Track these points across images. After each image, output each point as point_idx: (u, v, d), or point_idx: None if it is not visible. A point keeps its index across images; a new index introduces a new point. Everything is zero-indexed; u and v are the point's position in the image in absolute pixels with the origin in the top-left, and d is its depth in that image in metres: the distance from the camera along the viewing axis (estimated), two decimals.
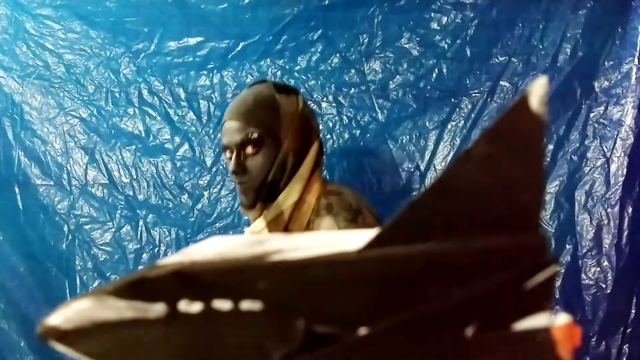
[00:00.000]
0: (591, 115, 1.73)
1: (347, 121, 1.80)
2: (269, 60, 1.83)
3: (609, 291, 1.69)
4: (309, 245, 0.27)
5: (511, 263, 0.25)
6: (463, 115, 1.78)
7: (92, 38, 1.83)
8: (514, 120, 0.25)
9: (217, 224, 1.80)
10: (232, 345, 0.26)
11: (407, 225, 0.26)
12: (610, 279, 1.69)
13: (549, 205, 1.74)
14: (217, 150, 1.82)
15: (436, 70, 1.78)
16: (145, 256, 1.81)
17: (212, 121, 1.83)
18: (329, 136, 1.81)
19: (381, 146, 1.79)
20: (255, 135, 1.27)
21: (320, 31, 1.82)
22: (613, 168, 1.70)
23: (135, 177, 1.82)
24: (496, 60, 1.77)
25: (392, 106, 1.79)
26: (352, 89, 1.80)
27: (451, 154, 1.78)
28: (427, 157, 1.78)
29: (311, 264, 0.26)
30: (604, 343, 1.69)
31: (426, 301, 0.25)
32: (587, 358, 1.68)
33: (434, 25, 1.79)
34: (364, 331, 0.25)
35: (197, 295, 0.26)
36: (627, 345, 1.67)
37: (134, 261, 1.79)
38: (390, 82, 1.79)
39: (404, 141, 1.79)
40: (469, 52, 1.77)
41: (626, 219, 1.69)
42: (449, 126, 1.78)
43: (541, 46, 1.75)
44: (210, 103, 1.83)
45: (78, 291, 1.82)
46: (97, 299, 0.27)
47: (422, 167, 1.78)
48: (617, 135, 1.70)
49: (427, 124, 1.79)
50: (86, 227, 1.82)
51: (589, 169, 1.72)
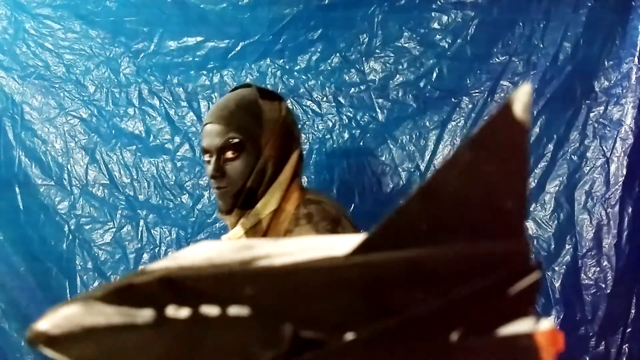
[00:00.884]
0: (591, 115, 1.73)
1: (347, 121, 1.80)
2: (268, 60, 1.83)
3: (608, 291, 1.69)
4: (296, 251, 0.28)
5: (495, 269, 0.25)
6: (463, 115, 1.77)
7: (92, 38, 1.83)
8: (497, 127, 0.25)
9: (217, 224, 1.80)
10: (219, 350, 0.26)
11: (393, 231, 0.26)
12: (610, 278, 1.69)
13: (548, 205, 1.74)
14: None
15: (436, 69, 1.78)
16: (145, 256, 1.81)
17: None
18: (328, 136, 1.81)
19: (381, 146, 1.79)
20: (235, 140, 1.25)
21: (320, 31, 1.82)
22: (613, 168, 1.70)
23: (135, 177, 1.83)
24: (496, 59, 1.77)
25: (392, 106, 1.79)
26: (352, 88, 1.80)
27: (451, 153, 1.77)
28: (427, 157, 1.78)
29: (298, 270, 0.26)
30: (603, 342, 1.69)
31: (411, 307, 0.25)
32: (587, 357, 1.69)
33: (434, 24, 1.79)
34: (350, 336, 0.25)
35: (184, 300, 0.26)
36: (626, 344, 1.67)
37: (135, 261, 1.79)
38: (390, 82, 1.79)
39: (404, 141, 1.79)
40: (469, 52, 1.77)
41: (626, 219, 1.69)
42: (449, 126, 1.78)
43: (542, 46, 1.74)
44: (210, 103, 1.83)
45: (78, 291, 1.82)
46: (85, 304, 0.27)
47: (422, 167, 1.78)
48: (617, 135, 1.70)
49: (427, 123, 1.79)
50: (87, 227, 1.82)
51: (588, 168, 1.72)
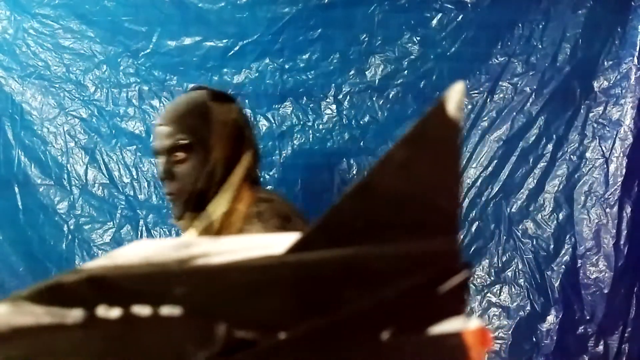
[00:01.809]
0: (590, 115, 1.73)
1: (347, 121, 1.80)
2: (267, 59, 1.83)
3: (607, 290, 1.70)
4: (235, 249, 0.27)
5: (426, 267, 0.25)
6: (463, 115, 1.77)
7: (91, 37, 1.82)
8: (431, 125, 0.26)
9: None
10: (152, 350, 0.26)
11: (329, 229, 0.26)
12: (609, 278, 1.70)
13: (548, 205, 1.75)
14: None
15: (436, 70, 1.78)
16: None
17: None
18: (329, 136, 1.81)
19: (381, 146, 1.79)
20: (184, 142, 1.25)
21: (319, 30, 1.82)
22: (612, 168, 1.71)
23: (135, 177, 1.82)
24: (496, 60, 1.77)
25: (392, 106, 1.79)
26: (352, 89, 1.81)
27: None
28: None
29: (230, 269, 0.26)
30: (602, 342, 1.70)
31: (343, 305, 0.25)
32: (586, 357, 1.70)
33: (434, 24, 1.79)
34: (283, 336, 0.25)
35: (115, 300, 0.26)
36: (625, 344, 1.68)
37: None
38: (390, 82, 1.79)
39: None
40: (468, 52, 1.77)
41: (625, 219, 1.70)
42: None
43: (541, 46, 1.75)
44: None
45: None
46: (14, 304, 0.27)
47: None
48: (616, 136, 1.71)
49: None
50: (86, 227, 1.82)
51: (588, 169, 1.73)
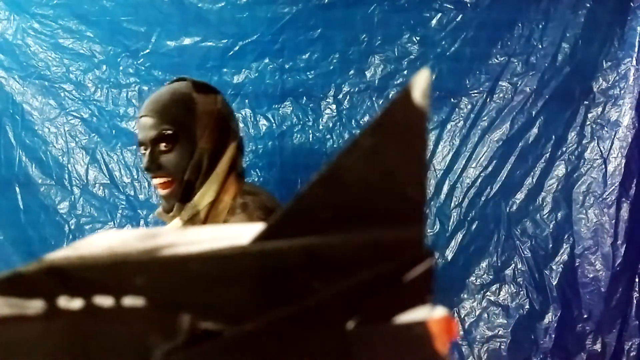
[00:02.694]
0: (589, 115, 1.74)
1: (347, 121, 1.81)
2: (267, 59, 1.83)
3: (605, 289, 1.72)
4: (201, 240, 0.27)
5: (390, 256, 0.25)
6: (462, 115, 1.78)
7: (90, 38, 1.82)
8: (396, 113, 0.25)
9: None
10: (114, 342, 0.26)
11: (294, 218, 0.26)
12: (607, 277, 1.72)
13: (546, 204, 1.76)
14: None
15: (436, 70, 1.79)
16: None
17: None
18: (329, 136, 1.81)
19: None
20: (169, 132, 1.25)
21: (319, 30, 1.82)
22: (610, 168, 1.72)
23: (136, 177, 1.83)
24: (496, 60, 1.78)
25: None
26: (352, 88, 1.81)
27: (450, 153, 1.79)
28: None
29: (192, 259, 0.26)
30: (600, 340, 1.72)
31: (307, 295, 0.25)
32: (584, 355, 1.71)
33: (433, 24, 1.79)
34: (247, 326, 0.25)
35: (77, 291, 0.26)
36: (623, 342, 1.70)
37: None
38: (390, 82, 1.80)
39: None
40: (468, 52, 1.78)
41: (623, 219, 1.71)
42: (448, 126, 1.79)
43: (540, 46, 1.75)
44: None
45: None
46: None
47: None
48: (614, 136, 1.72)
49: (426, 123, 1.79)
50: (87, 227, 1.83)
51: (586, 169, 1.74)
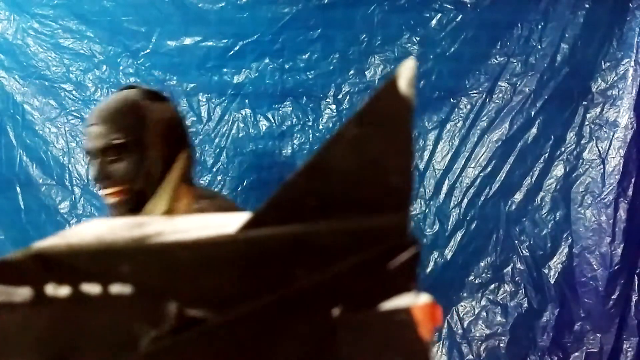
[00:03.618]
0: (588, 116, 1.75)
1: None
2: (267, 59, 1.83)
3: (603, 289, 1.73)
4: (188, 228, 0.27)
5: (375, 244, 0.26)
6: (462, 115, 1.79)
7: (90, 38, 1.82)
8: (382, 103, 0.25)
9: None
10: (102, 329, 0.26)
11: (281, 207, 0.26)
12: (605, 276, 1.73)
13: (545, 204, 1.77)
14: (217, 150, 1.83)
15: (436, 70, 1.79)
16: None
17: (212, 121, 1.84)
18: (328, 136, 1.81)
19: None
20: (118, 142, 1.22)
21: (319, 30, 1.82)
22: (608, 168, 1.73)
23: None
24: (495, 60, 1.78)
25: None
26: (352, 88, 1.81)
27: (450, 153, 1.80)
28: (426, 157, 1.80)
29: (179, 247, 0.26)
30: (598, 339, 1.73)
31: (293, 282, 0.25)
32: (583, 354, 1.73)
33: (433, 24, 1.79)
34: (233, 313, 0.25)
35: (64, 278, 0.26)
36: (621, 341, 1.71)
37: None
38: None
39: None
40: (468, 52, 1.78)
41: (621, 219, 1.72)
42: (447, 126, 1.80)
43: (540, 47, 1.76)
44: (210, 103, 1.84)
45: None
46: None
47: (421, 167, 1.80)
48: (612, 136, 1.73)
49: (426, 123, 1.80)
50: None
51: (585, 169, 1.75)
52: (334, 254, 0.25)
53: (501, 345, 1.75)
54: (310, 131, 1.82)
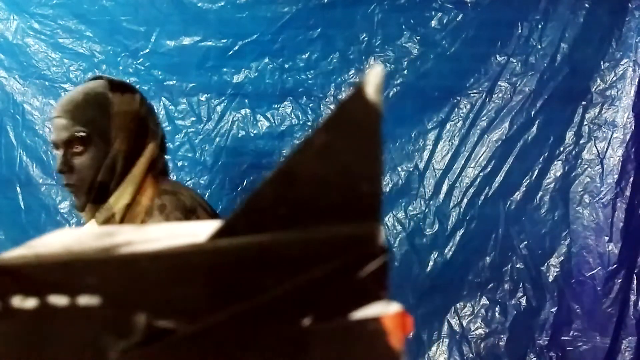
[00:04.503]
0: (587, 116, 1.75)
1: None
2: (267, 59, 1.83)
3: (601, 288, 1.74)
4: (159, 237, 0.27)
5: (344, 253, 0.25)
6: (462, 115, 1.79)
7: (90, 37, 1.82)
8: (350, 109, 0.25)
9: None
10: (69, 341, 0.25)
11: (250, 216, 0.26)
12: (603, 276, 1.73)
13: (544, 203, 1.78)
14: (217, 150, 1.83)
15: (436, 70, 1.79)
16: None
17: (212, 121, 1.84)
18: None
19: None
20: (82, 134, 1.22)
21: (319, 30, 1.82)
22: (607, 168, 1.73)
23: None
24: (495, 60, 1.78)
25: (391, 106, 1.80)
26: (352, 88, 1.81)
27: (450, 153, 1.80)
28: (425, 157, 1.80)
29: (146, 257, 0.26)
30: (596, 338, 1.74)
31: (262, 292, 0.25)
32: (581, 352, 1.74)
33: (434, 24, 1.79)
34: (200, 324, 0.25)
35: (31, 290, 0.25)
36: (619, 341, 1.72)
37: None
38: (390, 81, 1.80)
39: (402, 141, 1.81)
40: (468, 52, 1.78)
41: (619, 218, 1.73)
42: (447, 126, 1.80)
43: (540, 47, 1.76)
44: (210, 103, 1.84)
45: None
46: None
47: (421, 167, 1.80)
48: (611, 136, 1.73)
49: (426, 123, 1.80)
50: None
51: (583, 169, 1.76)
52: (304, 263, 0.25)
53: (500, 343, 1.76)
54: (310, 131, 1.82)
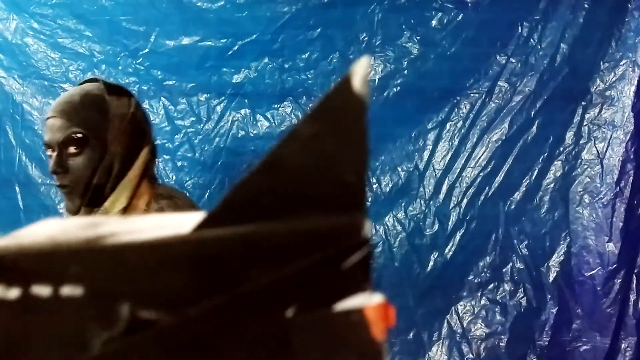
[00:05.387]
0: (586, 116, 1.75)
1: None
2: (267, 59, 1.83)
3: (600, 287, 1.74)
4: (144, 228, 0.27)
5: (328, 244, 0.25)
6: (462, 115, 1.79)
7: (89, 37, 1.82)
8: (336, 100, 0.25)
9: None
10: (52, 332, 0.25)
11: (235, 206, 0.26)
12: (603, 276, 1.74)
13: (544, 203, 1.78)
14: (217, 150, 1.83)
15: (436, 70, 1.79)
16: None
17: (212, 121, 1.84)
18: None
19: (380, 146, 1.80)
20: (78, 135, 1.21)
21: (319, 30, 1.82)
22: (607, 168, 1.74)
23: None
24: (495, 60, 1.78)
25: (392, 105, 1.80)
26: None
27: (450, 153, 1.80)
28: (425, 157, 1.80)
29: (130, 248, 0.26)
30: (596, 338, 1.74)
31: (245, 283, 0.25)
32: (580, 352, 1.74)
33: (434, 24, 1.79)
34: (183, 314, 0.25)
35: (14, 280, 0.25)
36: (619, 341, 1.73)
37: None
38: (390, 81, 1.80)
39: (403, 141, 1.81)
40: (468, 52, 1.78)
41: (618, 218, 1.73)
42: (447, 126, 1.80)
43: (540, 47, 1.76)
44: (209, 103, 1.84)
45: None
46: None
47: (420, 167, 1.80)
48: (611, 137, 1.73)
49: (426, 123, 1.80)
50: None
51: (583, 169, 1.76)
52: (288, 254, 0.25)
53: (500, 344, 1.76)
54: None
